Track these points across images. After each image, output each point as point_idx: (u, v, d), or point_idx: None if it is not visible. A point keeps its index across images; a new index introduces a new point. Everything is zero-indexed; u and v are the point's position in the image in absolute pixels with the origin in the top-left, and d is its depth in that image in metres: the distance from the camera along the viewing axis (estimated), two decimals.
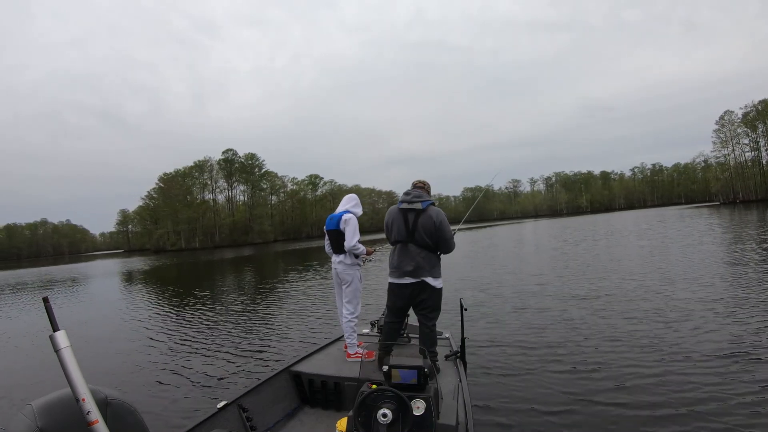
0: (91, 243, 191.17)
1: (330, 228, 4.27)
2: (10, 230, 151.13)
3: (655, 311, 6.96)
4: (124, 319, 10.78)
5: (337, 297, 4.47)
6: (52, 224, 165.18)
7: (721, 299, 7.35)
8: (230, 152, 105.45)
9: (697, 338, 5.47)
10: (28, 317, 12.57)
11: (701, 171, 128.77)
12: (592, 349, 5.43)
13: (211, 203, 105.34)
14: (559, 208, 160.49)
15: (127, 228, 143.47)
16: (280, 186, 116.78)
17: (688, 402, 3.79)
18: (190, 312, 10.79)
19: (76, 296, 17.40)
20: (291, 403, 3.53)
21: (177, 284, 19.34)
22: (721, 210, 52.43)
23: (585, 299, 8.30)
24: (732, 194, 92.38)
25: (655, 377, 4.38)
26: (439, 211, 3.59)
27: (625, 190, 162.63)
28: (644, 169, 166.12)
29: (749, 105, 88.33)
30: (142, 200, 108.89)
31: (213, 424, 2.71)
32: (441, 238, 3.57)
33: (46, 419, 1.19)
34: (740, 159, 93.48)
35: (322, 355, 4.17)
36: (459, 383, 3.24)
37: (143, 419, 1.40)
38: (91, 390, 1.22)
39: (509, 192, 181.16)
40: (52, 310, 1.26)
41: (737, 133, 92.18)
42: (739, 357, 4.75)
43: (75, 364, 1.21)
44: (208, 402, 4.60)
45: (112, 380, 5.82)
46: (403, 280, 3.62)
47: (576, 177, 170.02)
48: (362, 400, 2.19)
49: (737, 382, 4.11)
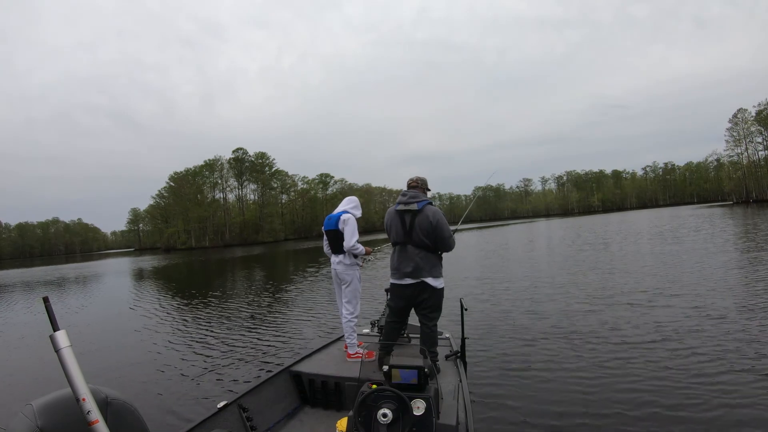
0: (103, 241, 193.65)
1: (328, 228, 4.29)
2: (22, 229, 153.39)
3: (664, 317, 6.66)
4: (127, 317, 10.92)
5: (337, 297, 4.48)
6: (64, 223, 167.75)
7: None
8: (240, 151, 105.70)
9: (703, 349, 5.11)
10: (30, 317, 12.68)
11: (714, 170, 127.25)
12: (593, 350, 5.39)
13: (221, 202, 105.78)
14: (570, 208, 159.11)
15: (138, 227, 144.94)
16: (290, 185, 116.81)
17: (689, 405, 3.74)
18: (192, 311, 10.89)
19: (83, 295, 17.59)
20: (291, 403, 3.55)
21: (183, 283, 19.54)
22: (735, 209, 51.62)
23: (587, 299, 8.22)
24: (745, 194, 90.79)
25: (656, 379, 4.34)
26: (436, 210, 3.58)
27: (636, 189, 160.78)
28: (656, 168, 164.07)
29: (763, 103, 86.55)
30: (153, 199, 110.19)
31: (213, 424, 2.73)
32: (439, 237, 3.56)
33: (47, 419, 1.19)
34: (753, 158, 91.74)
35: (322, 355, 4.18)
36: (459, 383, 3.24)
37: (143, 419, 1.40)
38: (92, 390, 1.22)
39: (520, 191, 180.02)
40: (52, 309, 1.26)
41: (750, 131, 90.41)
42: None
43: (75, 364, 1.20)
44: (209, 402, 4.64)
45: (113, 380, 5.88)
46: (403, 281, 3.63)
47: (587, 176, 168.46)
48: (362, 400, 2.20)
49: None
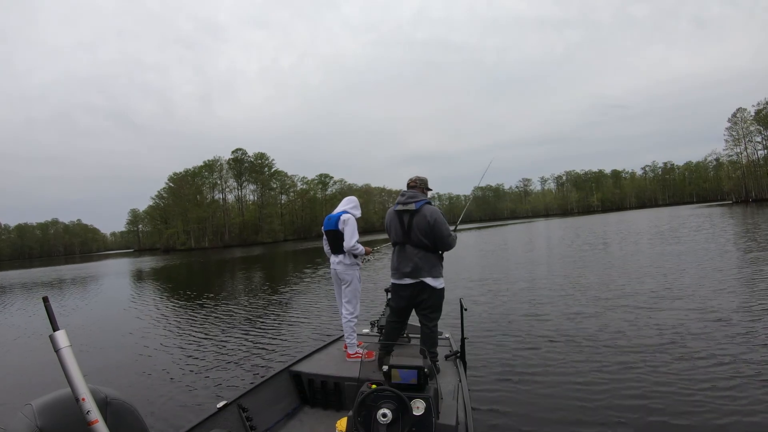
0: (102, 242, 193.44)
1: (328, 228, 4.28)
2: (22, 230, 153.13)
3: (666, 319, 6.48)
4: (126, 318, 10.92)
5: (336, 297, 4.48)
6: (63, 224, 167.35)
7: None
8: (240, 152, 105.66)
9: (708, 353, 4.93)
10: (32, 317, 12.70)
11: (713, 169, 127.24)
12: (593, 350, 5.39)
13: (220, 203, 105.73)
14: (569, 207, 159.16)
15: (138, 227, 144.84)
16: (290, 185, 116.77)
17: (695, 413, 3.66)
18: (192, 312, 10.88)
19: (83, 296, 17.59)
20: (291, 402, 3.55)
21: (182, 284, 19.52)
22: (734, 209, 51.62)
23: (587, 301, 8.23)
24: (744, 193, 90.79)
25: (657, 381, 4.34)
26: (434, 209, 3.59)
27: (636, 189, 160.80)
28: (656, 167, 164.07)
29: (762, 102, 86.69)
30: (153, 200, 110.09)
31: (213, 424, 2.73)
32: (437, 236, 3.56)
33: (46, 419, 1.19)
34: (753, 157, 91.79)
35: (322, 355, 4.18)
36: (459, 383, 3.24)
37: (143, 419, 1.40)
38: (91, 389, 1.22)
39: (520, 191, 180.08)
40: (52, 309, 1.26)
41: (750, 131, 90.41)
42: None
43: (75, 364, 1.21)
44: (208, 401, 4.64)
45: (112, 379, 5.89)
46: (402, 281, 3.65)
47: (587, 176, 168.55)
48: (362, 400, 2.21)
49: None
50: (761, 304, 6.90)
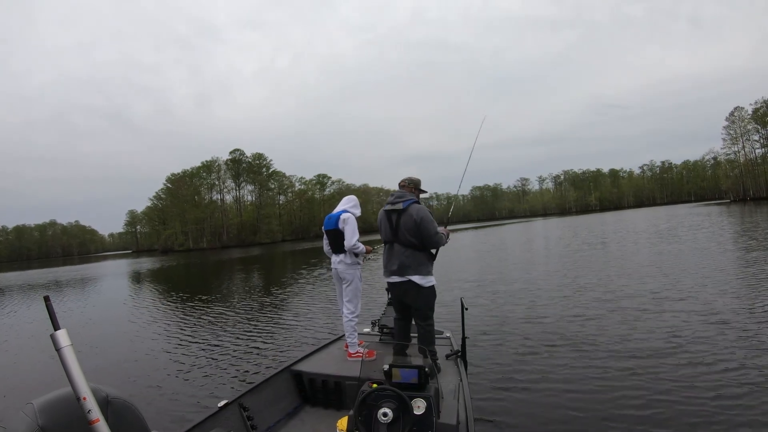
0: (100, 243, 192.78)
1: (328, 228, 4.29)
2: (20, 231, 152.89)
3: (668, 321, 6.32)
4: (126, 318, 10.91)
5: (338, 296, 4.49)
6: (61, 225, 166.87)
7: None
8: (238, 152, 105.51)
9: (713, 358, 4.74)
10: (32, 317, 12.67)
11: (711, 168, 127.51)
12: (595, 350, 5.39)
13: (218, 203, 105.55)
14: (567, 207, 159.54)
15: (136, 228, 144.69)
16: (288, 186, 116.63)
17: (694, 420, 3.54)
18: (192, 311, 10.87)
19: (83, 296, 17.56)
20: (292, 402, 3.55)
21: (181, 284, 19.52)
22: (732, 207, 51.73)
23: (587, 302, 8.22)
24: (742, 191, 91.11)
25: (658, 381, 4.32)
26: (420, 208, 3.64)
27: (634, 188, 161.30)
28: (653, 166, 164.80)
29: (759, 101, 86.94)
30: (151, 201, 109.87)
31: (214, 423, 2.73)
32: (425, 235, 3.61)
33: (47, 418, 1.19)
34: (750, 156, 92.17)
35: (322, 355, 4.18)
36: (460, 383, 3.24)
37: (144, 418, 1.41)
38: (92, 389, 1.22)
39: (518, 190, 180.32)
40: (53, 309, 1.27)
41: (747, 129, 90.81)
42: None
43: (76, 363, 1.21)
44: (209, 401, 4.64)
45: (113, 379, 5.88)
46: (391, 279, 3.75)
47: (585, 175, 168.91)
48: (363, 400, 2.20)
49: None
50: (765, 305, 6.75)
